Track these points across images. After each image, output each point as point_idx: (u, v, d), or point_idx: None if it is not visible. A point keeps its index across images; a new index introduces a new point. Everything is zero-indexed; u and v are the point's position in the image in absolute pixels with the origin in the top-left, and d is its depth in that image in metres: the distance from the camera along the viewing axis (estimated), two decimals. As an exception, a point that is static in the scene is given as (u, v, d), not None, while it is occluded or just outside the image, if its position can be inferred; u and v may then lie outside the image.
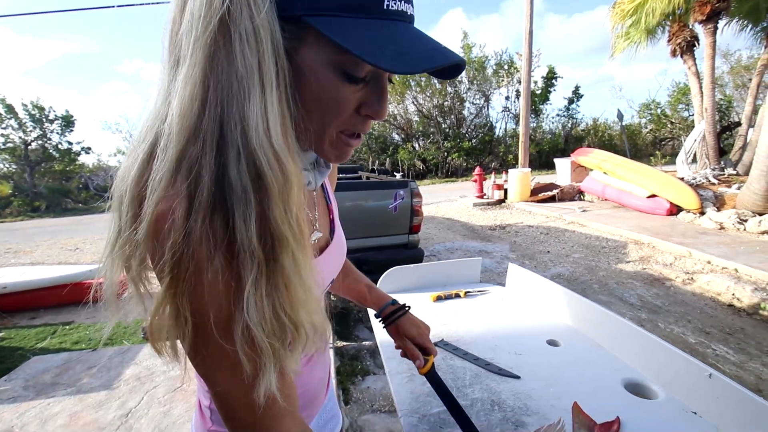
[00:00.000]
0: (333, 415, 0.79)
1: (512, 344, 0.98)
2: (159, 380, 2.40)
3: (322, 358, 0.67)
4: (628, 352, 0.89)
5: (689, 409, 0.74)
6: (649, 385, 0.81)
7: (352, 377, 2.54)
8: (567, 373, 0.86)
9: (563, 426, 0.66)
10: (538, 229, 6.18)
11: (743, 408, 0.66)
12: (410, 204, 3.02)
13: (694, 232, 5.23)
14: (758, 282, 3.70)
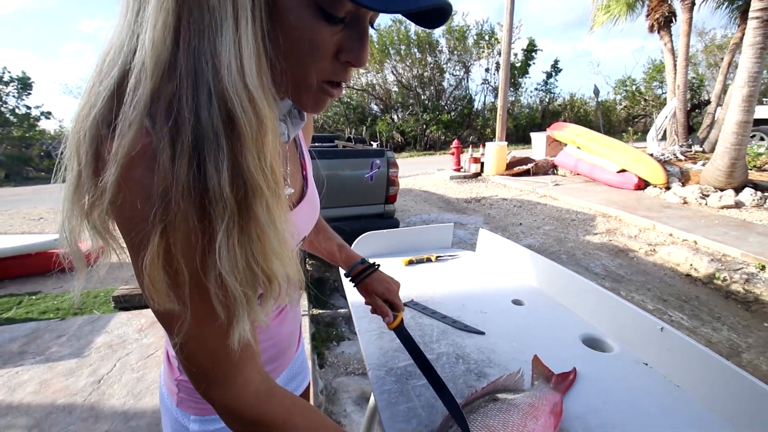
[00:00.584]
0: (301, 369, 0.80)
1: (479, 304, 1.00)
2: (131, 348, 2.38)
3: (293, 312, 0.67)
4: (587, 310, 0.93)
5: (641, 360, 0.78)
6: (605, 340, 0.85)
7: (327, 343, 2.58)
8: (529, 329, 0.89)
9: (522, 375, 0.69)
10: (512, 202, 6.30)
11: (691, 358, 0.70)
12: (386, 173, 3.00)
13: (659, 206, 5.45)
14: (714, 254, 3.92)
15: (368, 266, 0.79)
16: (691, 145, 8.23)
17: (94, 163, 0.36)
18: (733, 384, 0.63)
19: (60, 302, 3.23)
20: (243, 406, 0.42)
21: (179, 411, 0.60)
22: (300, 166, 0.61)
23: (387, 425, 0.63)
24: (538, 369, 0.74)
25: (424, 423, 0.63)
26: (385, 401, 0.68)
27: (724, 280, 3.50)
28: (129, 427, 1.71)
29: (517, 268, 1.20)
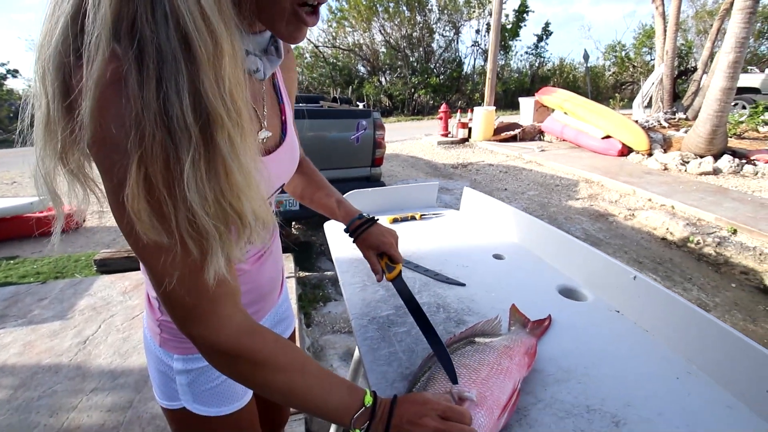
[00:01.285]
0: (286, 317, 0.82)
1: (460, 258, 1.02)
2: (116, 309, 2.37)
3: (272, 258, 0.67)
4: (565, 262, 0.96)
5: (613, 308, 0.82)
6: (579, 290, 0.88)
7: (313, 303, 2.63)
8: (508, 281, 0.92)
9: (500, 322, 0.72)
10: (498, 168, 6.33)
11: (660, 304, 0.73)
12: (373, 135, 2.94)
13: (641, 172, 5.55)
14: (690, 218, 4.05)
15: (366, 221, 0.79)
16: (675, 112, 8.29)
17: (62, 95, 0.34)
18: (696, 326, 0.67)
19: (39, 266, 3.18)
20: (224, 342, 0.43)
21: (162, 351, 0.61)
22: (279, 111, 0.59)
23: (369, 368, 0.65)
24: (515, 316, 0.76)
25: (404, 365, 0.66)
26: (368, 347, 0.71)
27: (697, 243, 3.64)
28: (117, 384, 1.74)
29: (499, 225, 1.22)
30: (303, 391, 0.46)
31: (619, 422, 0.54)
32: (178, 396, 0.62)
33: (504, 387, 0.55)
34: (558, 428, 0.53)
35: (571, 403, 0.58)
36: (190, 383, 0.61)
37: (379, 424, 0.47)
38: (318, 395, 0.47)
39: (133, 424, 1.51)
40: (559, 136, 7.70)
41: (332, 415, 0.47)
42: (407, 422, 0.46)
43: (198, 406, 0.62)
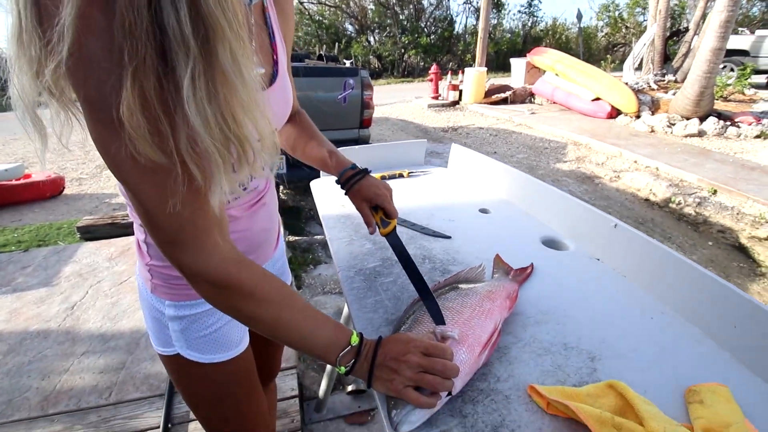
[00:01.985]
0: (282, 272, 0.83)
1: (447, 213, 1.03)
2: (103, 275, 2.36)
3: (265, 209, 0.67)
4: (549, 214, 0.97)
5: (593, 256, 0.84)
6: (562, 240, 0.91)
7: (304, 266, 2.65)
8: (493, 233, 0.93)
9: (483, 269, 0.73)
10: (488, 131, 6.28)
11: (638, 249, 0.76)
12: (360, 95, 2.86)
13: (628, 134, 5.57)
14: (673, 179, 4.12)
15: (357, 172, 0.76)
16: (665, 74, 8.22)
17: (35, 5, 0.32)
18: (671, 268, 0.69)
19: (20, 235, 3.11)
20: (213, 270, 0.43)
21: (155, 297, 0.62)
22: (270, 49, 0.57)
23: (355, 316, 0.67)
24: (498, 265, 0.78)
25: (390, 312, 0.67)
26: (354, 296, 0.72)
27: (678, 203, 3.73)
28: (108, 347, 1.76)
29: (486, 181, 1.22)
30: (291, 325, 0.47)
31: (595, 358, 0.57)
32: (171, 342, 0.63)
33: (485, 327, 0.57)
34: (536, 364, 0.56)
35: (549, 341, 0.60)
36: (183, 330, 0.62)
37: (365, 363, 0.49)
38: (305, 331, 0.48)
39: (126, 383, 1.54)
40: (549, 98, 7.62)
41: (319, 351, 0.48)
42: (391, 359, 0.48)
43: (192, 352, 0.63)
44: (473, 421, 0.47)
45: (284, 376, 1.56)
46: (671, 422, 0.45)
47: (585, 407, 0.46)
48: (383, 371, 0.48)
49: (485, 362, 0.55)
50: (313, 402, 1.52)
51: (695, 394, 0.51)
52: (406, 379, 0.46)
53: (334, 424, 1.47)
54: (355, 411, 1.50)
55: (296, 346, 0.49)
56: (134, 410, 1.42)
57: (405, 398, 0.46)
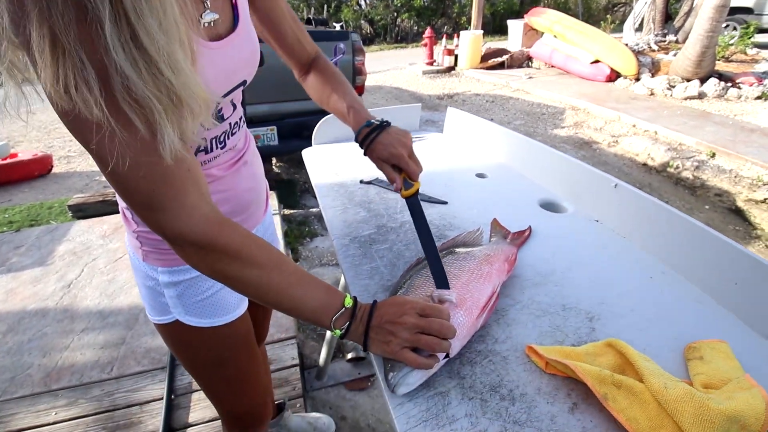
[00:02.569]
0: (274, 240, 0.82)
1: (443, 179, 1.01)
2: (97, 253, 2.35)
3: (248, 168, 0.65)
4: (547, 177, 0.96)
5: (592, 218, 0.83)
6: (561, 203, 0.89)
7: (300, 239, 2.64)
8: (491, 198, 0.92)
9: (481, 233, 0.72)
10: (485, 98, 6.16)
11: (639, 209, 0.75)
12: (352, 61, 2.76)
13: (627, 97, 5.47)
14: (672, 143, 4.08)
15: (374, 128, 0.67)
16: (666, 34, 7.99)
17: None
18: (671, 226, 0.68)
19: (11, 215, 3.07)
20: (195, 231, 0.42)
21: (147, 265, 0.60)
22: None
23: (351, 282, 0.66)
24: (496, 229, 0.77)
25: (386, 278, 0.66)
26: (349, 264, 0.71)
27: (676, 168, 3.71)
28: (107, 323, 1.77)
29: (483, 145, 1.19)
30: (281, 288, 0.46)
31: (593, 318, 0.57)
32: (169, 309, 0.62)
33: (483, 290, 0.56)
34: (534, 325, 0.56)
35: (547, 303, 0.60)
36: (180, 295, 0.61)
37: (359, 326, 0.48)
38: (297, 294, 0.46)
39: (127, 358, 1.56)
40: (547, 62, 7.43)
41: (311, 315, 0.47)
42: (387, 321, 0.47)
43: (190, 317, 0.62)
44: (471, 382, 0.47)
45: (284, 345, 1.58)
46: (671, 378, 0.44)
47: (584, 365, 0.45)
48: (379, 333, 0.47)
49: (483, 324, 0.54)
50: (314, 370, 1.55)
51: (695, 350, 0.51)
52: (402, 340, 0.46)
53: (335, 390, 1.50)
54: (355, 377, 1.53)
55: (288, 310, 0.47)
56: (137, 383, 1.44)
57: (402, 360, 0.45)
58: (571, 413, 0.44)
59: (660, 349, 0.52)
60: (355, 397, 1.48)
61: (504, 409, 0.44)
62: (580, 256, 0.71)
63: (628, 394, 0.43)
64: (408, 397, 0.46)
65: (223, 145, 0.58)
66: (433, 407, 0.45)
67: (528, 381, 0.47)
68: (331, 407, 1.44)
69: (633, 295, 0.62)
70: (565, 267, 0.68)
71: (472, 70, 7.76)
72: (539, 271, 0.67)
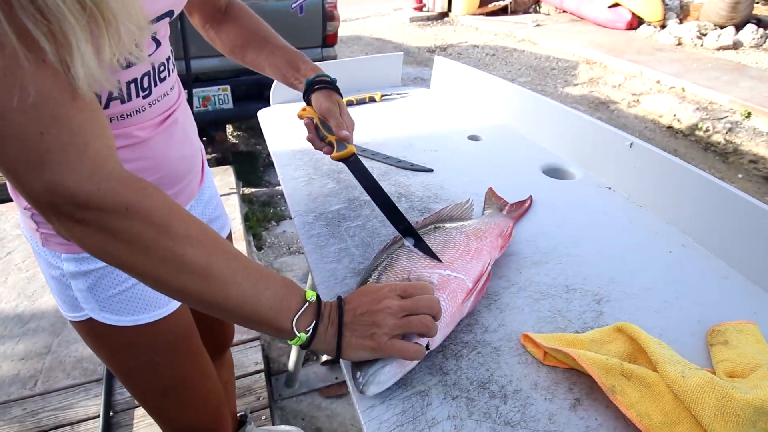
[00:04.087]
0: (217, 216, 0.80)
1: (429, 143, 1.00)
2: (13, 245, 2.28)
3: (180, 129, 0.63)
4: (552, 138, 0.96)
5: (604, 185, 0.83)
6: (567, 168, 0.89)
7: (264, 223, 2.61)
8: (485, 164, 0.91)
9: (472, 205, 0.71)
10: (484, 50, 6.11)
11: (658, 171, 0.75)
12: (321, 3, 2.69)
13: (651, 48, 5.50)
14: (701, 102, 4.14)
15: (318, 82, 0.72)
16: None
17: None
18: (696, 191, 0.68)
19: None
20: (104, 190, 0.37)
21: (48, 251, 0.57)
22: None
23: (314, 267, 0.65)
24: (491, 200, 0.76)
25: (357, 261, 0.65)
26: (313, 245, 0.69)
27: (706, 130, 3.77)
28: (27, 329, 1.73)
29: (477, 101, 1.18)
30: (225, 275, 0.41)
31: (602, 299, 0.57)
32: (80, 305, 0.60)
33: (470, 269, 0.55)
34: (532, 310, 0.55)
35: (548, 284, 0.60)
36: (91, 288, 0.58)
37: (329, 326, 0.45)
38: (246, 286, 0.42)
39: (54, 370, 1.53)
40: (558, 6, 7.39)
41: (266, 315, 0.43)
42: (364, 313, 0.45)
43: (106, 314, 0.60)
44: (456, 379, 0.47)
45: (246, 349, 1.58)
46: (690, 365, 0.45)
47: (588, 354, 0.45)
48: (358, 329, 0.45)
49: (470, 311, 0.54)
50: (283, 376, 1.55)
51: (719, 334, 0.51)
52: (389, 329, 0.44)
53: (308, 398, 1.51)
54: (331, 383, 1.54)
55: (234, 310, 0.43)
56: (67, 399, 1.42)
57: (394, 353, 0.44)
58: (573, 410, 0.44)
59: (679, 333, 0.52)
60: (332, 405, 1.49)
61: (494, 409, 0.44)
62: (589, 228, 0.71)
63: (639, 386, 0.44)
64: (380, 399, 0.45)
65: (147, 92, 0.54)
66: (410, 409, 0.44)
67: (523, 375, 0.47)
68: (304, 418, 1.45)
69: (649, 272, 0.62)
70: (570, 242, 0.68)
71: (470, 16, 7.67)
72: (540, 248, 0.67)
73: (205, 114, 2.72)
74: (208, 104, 2.71)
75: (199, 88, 2.64)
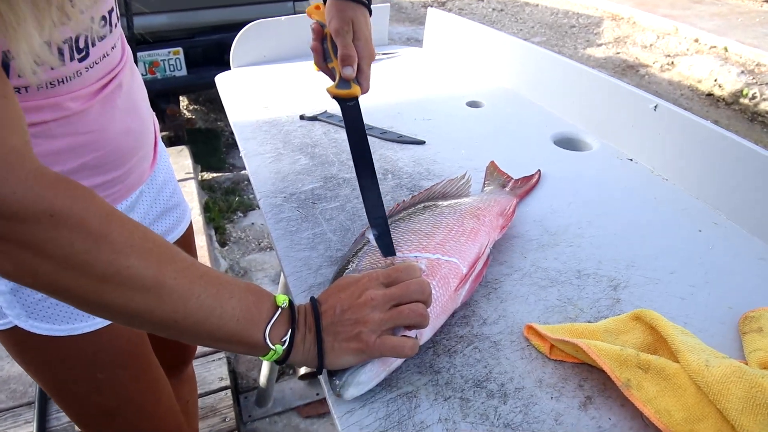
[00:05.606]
0: (175, 204, 0.80)
1: (421, 110, 1.02)
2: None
3: (126, 98, 0.62)
4: (565, 102, 0.97)
5: (624, 156, 0.85)
6: (582, 138, 0.91)
7: (228, 214, 2.61)
8: (486, 134, 0.93)
9: (468, 180, 0.73)
10: (491, 4, 6.12)
11: (688, 140, 0.76)
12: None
13: (688, 0, 5.53)
14: (746, 63, 4.18)
15: None
16: None
17: None
18: (732, 161, 0.70)
19: None
20: (22, 194, 0.36)
21: None
22: None
23: (284, 255, 0.66)
24: (492, 175, 0.77)
25: (335, 248, 0.66)
26: (283, 230, 0.70)
27: (752, 98, 3.82)
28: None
29: (477, 61, 1.20)
30: (181, 287, 0.41)
31: (618, 285, 0.59)
32: (2, 310, 0.60)
33: (465, 253, 0.57)
34: (538, 299, 0.57)
35: (557, 270, 0.61)
36: (15, 291, 0.58)
37: (307, 333, 0.46)
38: (205, 296, 0.42)
39: (-23, 390, 1.53)
40: (577, -49, 7.39)
41: (233, 328, 0.43)
42: (346, 310, 0.46)
43: (35, 322, 0.60)
44: (449, 377, 0.48)
45: (208, 362, 1.59)
46: (715, 353, 0.46)
47: (600, 345, 0.47)
48: (341, 331, 0.45)
49: (465, 300, 0.55)
50: (253, 393, 1.57)
51: (753, 321, 0.53)
52: (377, 324, 0.45)
53: (283, 419, 1.53)
54: (312, 400, 1.56)
55: (195, 330, 0.43)
56: (-6, 425, 1.42)
57: (387, 352, 0.45)
58: (583, 409, 0.45)
59: (707, 321, 0.54)
60: (313, 426, 1.51)
61: (492, 410, 0.45)
62: (605, 206, 0.73)
63: (658, 379, 0.45)
64: (360, 402, 0.46)
65: (84, 54, 0.54)
66: (396, 413, 0.45)
67: (526, 371, 0.49)
68: (279, 441, 1.47)
69: (674, 253, 0.64)
70: (583, 221, 0.70)
71: (472, -36, 7.65)
72: (548, 228, 0.68)
73: (153, 83, 2.70)
74: (156, 71, 2.69)
75: (146, 51, 2.61)
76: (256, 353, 0.45)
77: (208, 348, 1.63)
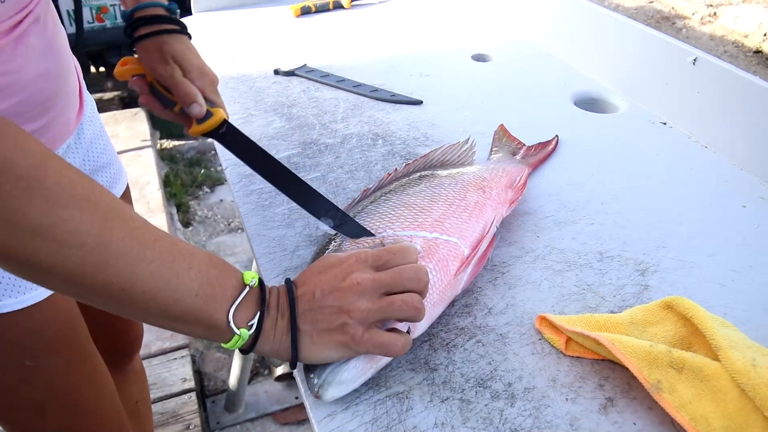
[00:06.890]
0: (107, 163, 0.81)
1: (417, 65, 1.02)
2: None
3: (42, 36, 0.62)
4: (589, 56, 0.97)
5: (657, 120, 0.85)
6: (607, 98, 0.91)
7: (192, 189, 2.60)
8: (494, 93, 0.93)
9: (472, 146, 0.72)
10: (502, -56, 6.06)
11: (732, 101, 0.76)
12: None
13: (734, -60, 5.50)
14: (800, 14, 4.17)
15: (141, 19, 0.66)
16: None
17: None
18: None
19: None
20: None
21: None
22: None
23: (254, 234, 0.66)
24: (502, 141, 0.77)
25: (315, 225, 0.66)
26: (254, 204, 0.71)
27: (806, 55, 3.82)
28: None
29: (484, 8, 1.20)
30: (129, 249, 0.40)
31: (647, 270, 0.59)
32: None
33: (467, 231, 0.56)
34: (552, 285, 0.57)
35: (576, 251, 0.61)
36: None
37: (279, 318, 0.46)
38: (159, 263, 0.42)
39: None
40: None
41: (190, 304, 0.42)
42: (326, 296, 0.45)
43: None
44: (446, 376, 0.48)
45: (168, 361, 1.59)
46: (763, 350, 0.46)
47: (625, 339, 0.46)
48: (321, 319, 0.45)
49: (466, 286, 0.55)
50: (222, 397, 1.57)
51: (801, 311, 0.53)
52: (364, 314, 0.44)
53: (257, 426, 1.54)
54: (290, 405, 1.57)
55: (144, 302, 0.42)
56: None
57: (375, 349, 0.44)
58: (604, 413, 0.45)
59: (750, 311, 0.54)
60: (291, 433, 1.52)
61: (497, 413, 0.45)
62: (634, 177, 0.73)
63: (693, 380, 0.45)
64: (342, 404, 0.46)
65: None
66: (384, 417, 0.45)
67: (537, 369, 0.49)
68: (252, 452, 1.48)
69: (713, 233, 0.64)
70: (607, 195, 0.70)
71: None
72: (566, 204, 0.68)
73: (103, 33, 2.66)
74: (105, 18, 2.65)
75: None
76: (216, 338, 0.44)
77: (169, 344, 1.63)
